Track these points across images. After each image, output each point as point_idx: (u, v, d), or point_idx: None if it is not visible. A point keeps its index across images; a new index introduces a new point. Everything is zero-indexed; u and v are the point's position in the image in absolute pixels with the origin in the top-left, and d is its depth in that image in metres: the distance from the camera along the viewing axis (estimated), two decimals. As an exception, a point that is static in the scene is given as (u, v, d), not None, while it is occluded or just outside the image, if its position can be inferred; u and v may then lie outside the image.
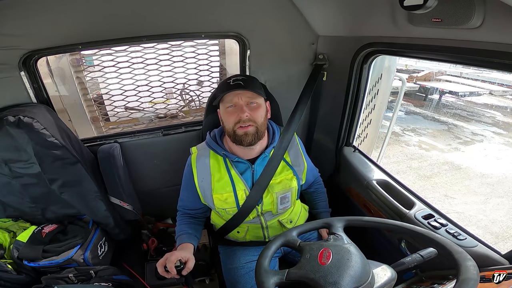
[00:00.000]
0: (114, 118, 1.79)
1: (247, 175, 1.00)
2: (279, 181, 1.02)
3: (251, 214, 1.02)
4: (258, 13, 1.26)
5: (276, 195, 1.01)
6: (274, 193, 1.01)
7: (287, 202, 1.05)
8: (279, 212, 1.06)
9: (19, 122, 0.98)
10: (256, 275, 0.69)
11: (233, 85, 0.92)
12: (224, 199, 0.99)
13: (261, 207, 1.02)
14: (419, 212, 1.02)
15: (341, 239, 0.73)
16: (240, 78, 0.94)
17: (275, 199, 1.02)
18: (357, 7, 1.07)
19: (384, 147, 2.37)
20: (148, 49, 1.55)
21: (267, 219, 1.06)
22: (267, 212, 1.05)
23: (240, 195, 0.99)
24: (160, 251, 1.43)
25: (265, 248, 0.77)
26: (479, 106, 9.79)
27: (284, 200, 1.04)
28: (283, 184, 1.02)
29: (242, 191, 0.99)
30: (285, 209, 1.07)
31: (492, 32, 0.68)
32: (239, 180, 0.99)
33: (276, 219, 1.08)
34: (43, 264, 1.09)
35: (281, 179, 1.02)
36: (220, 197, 0.99)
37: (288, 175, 1.03)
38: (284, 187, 1.02)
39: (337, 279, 0.61)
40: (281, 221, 1.09)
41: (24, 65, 1.07)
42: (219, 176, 0.99)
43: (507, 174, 5.17)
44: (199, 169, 1.01)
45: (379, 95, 2.08)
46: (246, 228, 1.08)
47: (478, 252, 0.83)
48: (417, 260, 0.71)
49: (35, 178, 1.13)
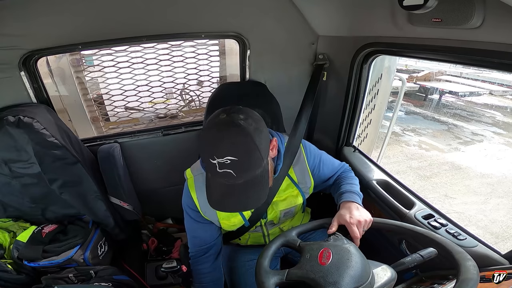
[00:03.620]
0: (114, 118, 1.79)
1: None
2: (284, 198, 0.97)
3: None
4: (258, 13, 1.26)
5: (280, 212, 0.99)
6: (278, 211, 0.98)
7: (291, 215, 1.03)
8: (281, 221, 1.05)
9: (19, 122, 0.98)
10: (256, 275, 0.69)
11: (222, 174, 0.68)
12: (231, 223, 0.94)
13: (265, 221, 1.01)
14: (419, 212, 1.02)
15: (341, 239, 0.73)
16: (228, 163, 0.66)
17: (278, 214, 1.00)
18: (357, 7, 1.07)
19: (384, 147, 2.37)
20: (148, 49, 1.55)
21: (269, 228, 1.06)
22: (269, 221, 1.04)
23: (246, 214, 0.95)
24: (160, 251, 1.43)
25: (265, 248, 0.77)
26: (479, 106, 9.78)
27: (287, 214, 1.02)
28: (288, 202, 0.98)
29: (249, 212, 0.96)
30: (287, 218, 1.05)
31: (492, 32, 0.68)
32: None
33: (277, 227, 1.07)
34: (43, 264, 1.09)
35: (286, 196, 0.97)
36: (227, 222, 0.93)
37: (293, 192, 0.98)
38: (289, 204, 0.98)
39: (337, 279, 0.61)
40: (282, 228, 1.08)
41: (24, 65, 1.07)
42: None
43: (507, 174, 5.17)
44: (200, 200, 0.89)
45: (379, 95, 2.07)
46: (248, 236, 1.08)
47: (478, 252, 0.83)
48: (417, 260, 0.71)
49: (35, 178, 1.13)
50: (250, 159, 0.68)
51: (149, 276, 1.25)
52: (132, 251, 1.44)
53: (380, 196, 1.16)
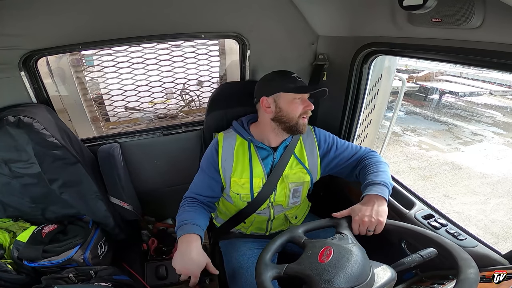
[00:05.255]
0: (114, 118, 1.79)
1: (268, 161, 1.04)
2: (294, 172, 1.05)
3: (263, 205, 1.05)
4: (258, 13, 1.26)
5: (290, 186, 1.05)
6: (288, 183, 1.04)
7: (298, 196, 1.08)
8: (289, 206, 1.09)
9: (19, 122, 0.98)
10: (256, 267, 0.71)
11: (302, 87, 0.99)
12: (241, 183, 1.02)
13: (274, 197, 1.05)
14: (419, 212, 1.02)
15: (346, 239, 0.74)
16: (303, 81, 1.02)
17: (288, 190, 1.05)
18: (357, 7, 1.07)
19: (384, 147, 2.36)
20: (148, 49, 1.55)
21: (276, 212, 1.09)
22: (278, 206, 1.08)
23: (256, 183, 1.01)
24: (160, 251, 1.43)
25: (270, 242, 0.78)
26: (479, 106, 9.79)
27: (296, 194, 1.07)
28: (298, 176, 1.05)
29: (259, 179, 1.02)
30: (295, 204, 1.10)
31: (492, 32, 0.68)
32: (258, 166, 1.02)
33: (283, 213, 1.11)
34: (43, 264, 1.08)
35: (296, 171, 1.05)
36: (238, 181, 1.02)
37: (302, 169, 1.06)
38: (299, 179, 1.05)
39: (331, 277, 0.61)
40: (287, 215, 1.13)
41: (24, 65, 1.07)
42: (241, 160, 1.02)
43: (507, 174, 5.18)
44: (225, 149, 1.04)
45: (379, 95, 2.07)
46: (253, 219, 1.10)
47: (478, 252, 0.83)
48: (417, 260, 0.71)
49: (35, 178, 1.13)
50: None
51: (149, 276, 1.25)
52: (132, 251, 1.44)
53: (380, 196, 1.16)
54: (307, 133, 1.08)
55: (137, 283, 1.18)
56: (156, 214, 1.69)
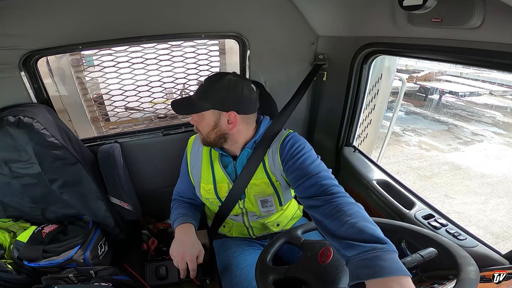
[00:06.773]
0: (114, 118, 1.79)
1: (230, 169, 1.01)
2: (258, 184, 0.97)
3: (234, 210, 1.03)
4: (258, 13, 1.26)
5: (255, 198, 0.99)
6: (252, 196, 0.99)
7: (271, 206, 1.00)
8: (263, 215, 1.04)
9: (19, 122, 0.98)
10: (256, 270, 0.70)
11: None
12: (207, 189, 1.02)
13: (243, 203, 1.02)
14: (419, 212, 1.02)
15: None
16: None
17: (255, 201, 1.00)
18: (357, 7, 1.07)
19: (384, 147, 2.37)
20: (148, 49, 1.55)
21: (250, 219, 1.06)
22: (251, 212, 1.04)
23: (221, 188, 1.00)
24: (160, 251, 1.43)
25: (268, 244, 0.78)
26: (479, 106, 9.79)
27: (266, 204, 1.00)
28: (261, 188, 0.97)
29: (224, 184, 1.00)
30: (270, 212, 1.03)
31: (492, 32, 0.68)
32: (220, 172, 1.00)
33: (260, 221, 1.07)
34: (43, 264, 1.08)
35: (260, 182, 0.97)
36: (205, 187, 1.02)
37: (265, 179, 0.96)
38: (262, 191, 0.97)
39: (333, 278, 0.61)
40: (266, 223, 1.08)
41: (24, 65, 1.07)
42: (206, 165, 1.02)
43: (507, 174, 5.18)
44: (193, 155, 1.06)
45: (379, 95, 2.07)
46: (231, 224, 1.11)
47: (478, 252, 0.83)
48: (417, 260, 0.71)
49: (35, 178, 1.13)
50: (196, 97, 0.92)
51: (149, 276, 1.25)
52: (132, 251, 1.44)
53: (380, 196, 1.16)
54: (275, 141, 0.95)
55: (137, 283, 1.18)
56: (156, 214, 1.69)
